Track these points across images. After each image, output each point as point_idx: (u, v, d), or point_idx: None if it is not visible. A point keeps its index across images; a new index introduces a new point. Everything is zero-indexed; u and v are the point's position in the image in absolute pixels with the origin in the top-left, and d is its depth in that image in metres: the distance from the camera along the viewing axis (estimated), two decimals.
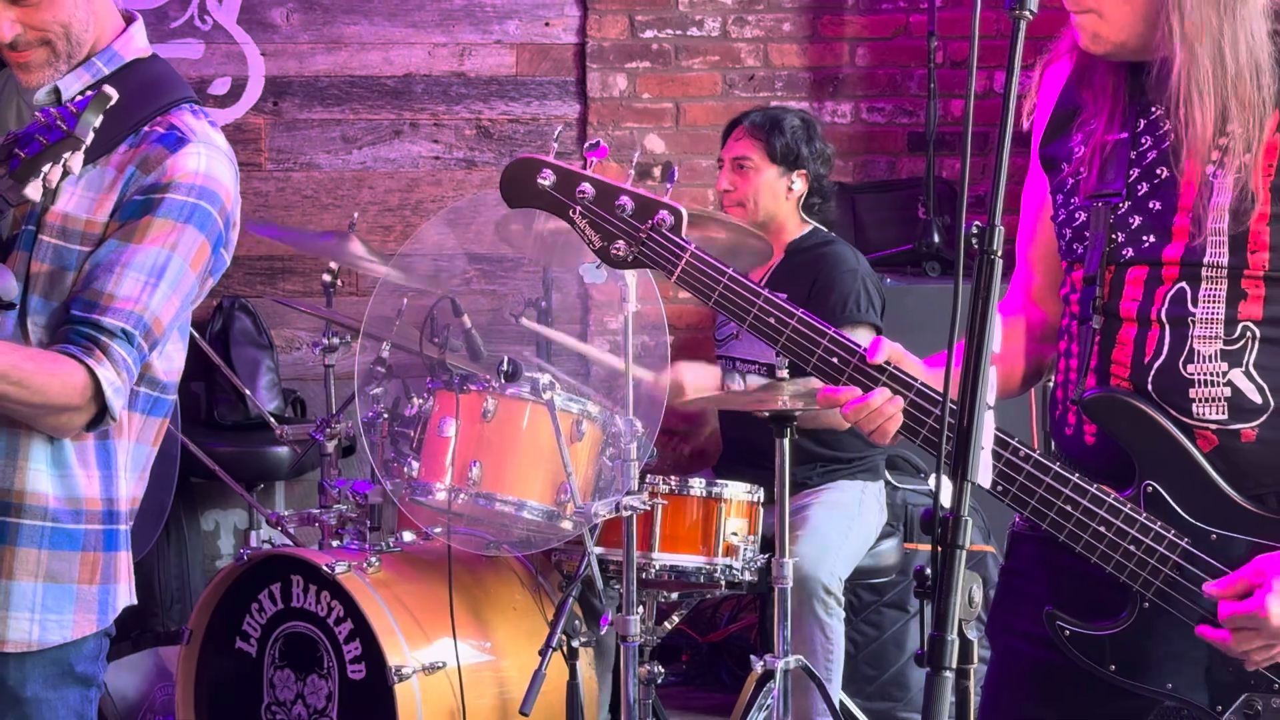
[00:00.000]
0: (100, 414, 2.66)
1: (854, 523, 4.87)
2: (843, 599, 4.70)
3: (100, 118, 2.52)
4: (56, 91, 2.77)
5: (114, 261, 2.67)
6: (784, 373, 4.30)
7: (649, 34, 6.34)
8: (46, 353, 2.63)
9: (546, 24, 6.32)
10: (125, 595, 2.83)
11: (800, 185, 4.98)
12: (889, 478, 5.27)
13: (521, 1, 6.29)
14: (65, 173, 2.54)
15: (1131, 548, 2.37)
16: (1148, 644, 2.40)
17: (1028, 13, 2.03)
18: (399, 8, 6.26)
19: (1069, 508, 2.37)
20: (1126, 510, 2.37)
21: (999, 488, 2.38)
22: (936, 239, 5.96)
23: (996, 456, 2.36)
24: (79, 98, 2.53)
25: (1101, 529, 2.37)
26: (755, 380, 4.58)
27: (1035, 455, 2.38)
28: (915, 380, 2.40)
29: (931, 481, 5.67)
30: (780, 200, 4.97)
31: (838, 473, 4.98)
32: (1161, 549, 2.37)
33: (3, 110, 2.88)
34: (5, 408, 2.61)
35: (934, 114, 6.07)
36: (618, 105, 6.34)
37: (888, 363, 2.41)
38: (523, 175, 2.50)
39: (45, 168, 2.52)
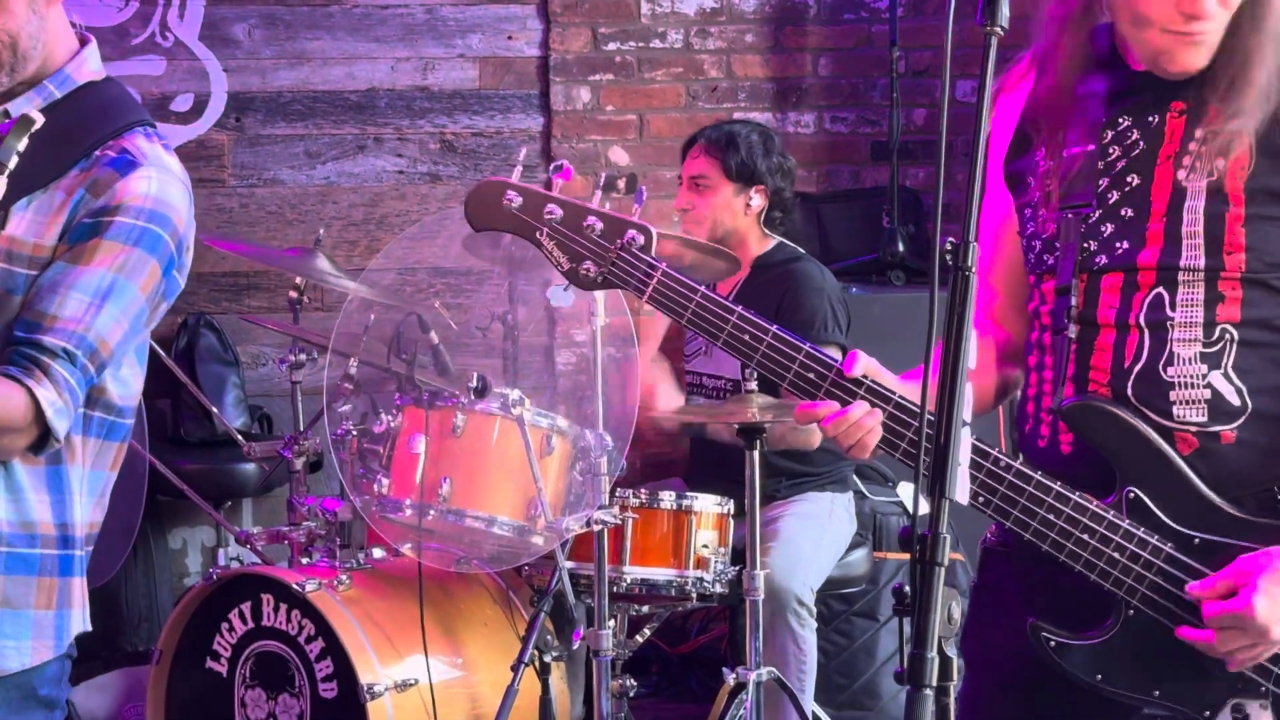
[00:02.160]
0: (45, 435, 2.63)
1: (825, 534, 4.88)
2: (814, 610, 4.71)
3: (24, 141, 2.48)
4: (7, 115, 2.73)
5: (59, 283, 2.63)
6: (752, 385, 4.31)
7: (612, 46, 6.34)
8: None
9: (509, 37, 6.32)
10: (79, 622, 2.78)
11: (759, 200, 4.97)
12: (859, 487, 5.28)
13: (484, 15, 6.29)
14: None
15: (1115, 555, 2.37)
16: (1134, 652, 2.40)
17: (999, 28, 2.03)
18: (361, 22, 6.25)
19: (1051, 516, 2.37)
20: (1109, 518, 2.38)
21: (980, 499, 2.38)
22: (901, 248, 5.99)
23: (977, 467, 2.37)
24: (4, 121, 2.50)
25: (1085, 537, 2.37)
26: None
27: (1016, 466, 2.38)
28: (894, 393, 2.39)
29: (900, 491, 5.67)
30: (739, 217, 4.96)
31: (807, 484, 4.99)
32: (1146, 555, 2.38)
33: None
34: None
35: (897, 123, 6.09)
36: (581, 118, 6.35)
37: (864, 376, 2.40)
38: (488, 198, 2.49)
39: None
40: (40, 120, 2.51)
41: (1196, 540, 2.38)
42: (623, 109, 6.36)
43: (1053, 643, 2.42)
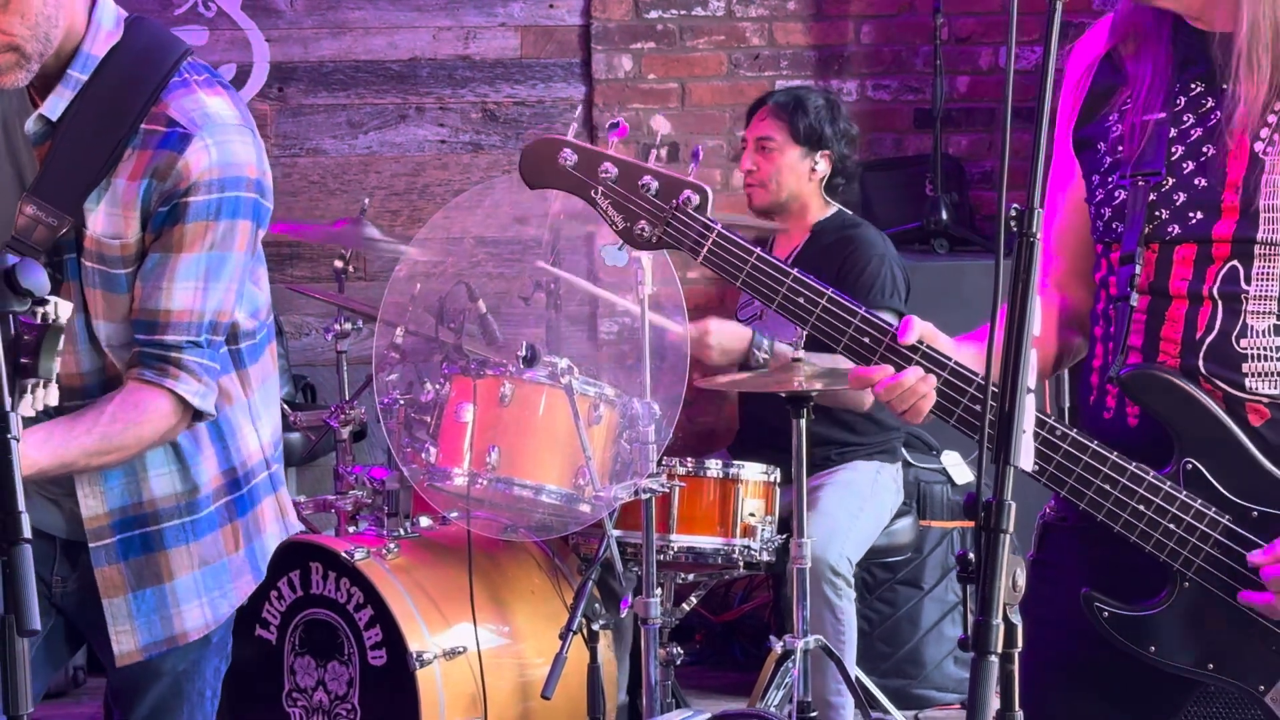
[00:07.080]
0: (198, 414, 2.74)
1: (866, 504, 4.86)
2: (853, 580, 4.70)
3: (58, 357, 2.31)
4: (44, 119, 2.67)
5: (160, 276, 2.68)
6: (800, 353, 4.30)
7: (653, 14, 6.33)
8: (126, 399, 2.67)
9: (551, 6, 6.31)
10: (275, 537, 2.95)
11: (824, 166, 4.96)
12: (904, 456, 5.26)
13: None
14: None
15: (1171, 526, 2.35)
16: (1189, 624, 2.38)
17: None
18: None
19: (1107, 486, 2.34)
20: (1165, 488, 2.34)
21: (1036, 467, 2.33)
22: (944, 216, 5.97)
23: (1034, 436, 2.35)
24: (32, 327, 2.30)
25: (1140, 507, 2.34)
26: (782, 347, 4.55)
27: (1072, 434, 2.35)
28: (949, 359, 2.36)
29: (944, 459, 5.62)
30: (803, 181, 4.95)
31: (854, 454, 4.98)
32: (1202, 526, 2.35)
33: None
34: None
35: (940, 91, 6.06)
36: (623, 86, 6.34)
37: (920, 342, 2.36)
38: (543, 155, 2.45)
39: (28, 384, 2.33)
40: (64, 330, 2.32)
41: (1255, 513, 2.35)
42: (664, 77, 6.34)
43: (1106, 613, 2.38)
